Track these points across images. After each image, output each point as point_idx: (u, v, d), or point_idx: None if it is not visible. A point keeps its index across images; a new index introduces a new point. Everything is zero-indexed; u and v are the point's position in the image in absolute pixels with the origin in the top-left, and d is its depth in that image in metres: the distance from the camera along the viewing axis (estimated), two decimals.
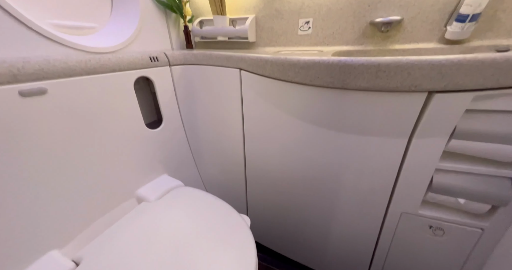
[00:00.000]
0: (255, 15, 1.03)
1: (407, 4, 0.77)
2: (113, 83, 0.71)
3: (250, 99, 0.87)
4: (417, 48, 0.77)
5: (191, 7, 1.12)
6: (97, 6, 0.78)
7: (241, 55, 0.81)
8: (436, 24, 0.75)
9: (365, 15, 0.85)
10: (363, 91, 0.59)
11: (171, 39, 1.02)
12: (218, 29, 1.03)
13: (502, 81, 0.45)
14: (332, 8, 0.89)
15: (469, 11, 0.64)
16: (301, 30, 0.98)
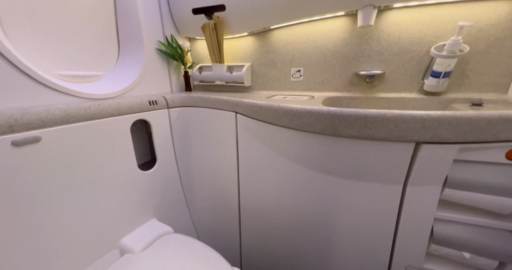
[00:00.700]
0: (251, 63, 1.12)
1: (387, 60, 0.86)
2: (110, 128, 0.73)
3: (246, 142, 0.88)
4: (400, 97, 0.83)
5: (192, 55, 1.23)
6: (104, 56, 0.85)
7: (237, 100, 0.86)
8: (414, 77, 0.83)
9: (350, 67, 0.94)
10: (354, 138, 0.61)
11: (171, 83, 1.08)
12: (216, 74, 1.11)
13: (481, 136, 0.48)
14: (321, 60, 0.98)
15: (441, 69, 0.72)
16: (293, 77, 1.06)
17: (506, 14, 0.66)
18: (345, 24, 0.90)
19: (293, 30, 1.00)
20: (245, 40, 1.10)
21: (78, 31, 0.76)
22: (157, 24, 0.99)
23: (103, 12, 0.84)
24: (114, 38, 0.88)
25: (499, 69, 0.70)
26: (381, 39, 0.85)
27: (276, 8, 0.91)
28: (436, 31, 0.76)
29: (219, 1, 0.96)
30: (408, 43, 0.81)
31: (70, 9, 0.73)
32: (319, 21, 0.94)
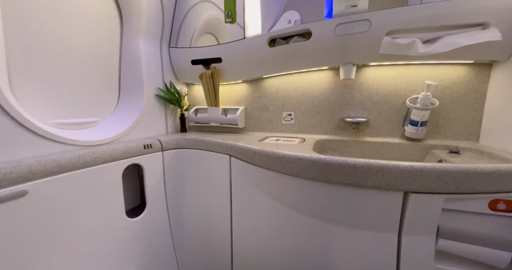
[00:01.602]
0: (245, 106, 1.19)
1: (369, 108, 0.94)
2: (102, 175, 0.72)
3: (239, 185, 0.88)
4: (385, 142, 0.88)
5: (189, 98, 1.30)
6: (104, 103, 0.89)
7: (231, 143, 0.88)
8: (395, 124, 0.90)
9: (337, 113, 1.01)
10: (346, 186, 0.62)
11: (167, 125, 1.12)
12: (211, 117, 1.16)
13: (462, 187, 0.51)
14: (310, 106, 1.06)
15: (418, 119, 0.79)
16: (285, 121, 1.12)
17: (463, 76, 0.77)
18: (330, 76, 1.01)
19: (284, 79, 1.10)
20: (240, 86, 1.19)
21: (81, 81, 0.81)
22: (157, 73, 1.07)
23: (108, 61, 0.91)
24: (115, 85, 0.94)
25: (467, 120, 0.78)
26: (362, 90, 0.95)
27: (267, 62, 1.02)
28: (408, 86, 0.86)
29: (216, 54, 1.08)
30: (386, 95, 0.91)
31: (77, 59, 0.79)
32: (306, 73, 1.05)
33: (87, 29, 0.82)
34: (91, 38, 0.83)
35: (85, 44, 0.81)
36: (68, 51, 0.76)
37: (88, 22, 0.82)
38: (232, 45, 1.04)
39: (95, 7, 0.83)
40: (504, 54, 0.67)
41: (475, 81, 0.76)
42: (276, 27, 0.98)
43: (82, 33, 0.80)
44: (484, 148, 0.69)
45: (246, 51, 1.02)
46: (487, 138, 0.74)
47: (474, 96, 0.77)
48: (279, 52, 0.97)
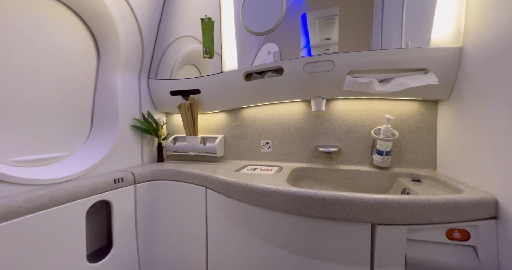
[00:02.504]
0: (223, 135, 1.21)
1: (340, 137, 1.00)
2: (62, 216, 0.66)
3: (215, 218, 0.85)
4: (356, 170, 0.93)
5: (168, 126, 1.30)
6: (73, 136, 0.86)
7: (207, 175, 0.88)
8: (364, 153, 0.96)
9: (311, 141, 1.06)
10: (318, 219, 0.63)
11: (143, 155, 1.10)
12: (189, 146, 1.16)
13: (421, 218, 0.54)
14: (286, 135, 1.11)
15: (383, 149, 0.86)
16: (263, 149, 1.15)
17: (416, 110, 0.87)
18: (303, 107, 1.07)
19: (261, 109, 1.15)
20: (219, 115, 1.22)
21: (49, 114, 0.78)
22: (134, 103, 1.07)
23: (82, 94, 0.90)
24: (87, 118, 0.92)
25: (424, 150, 0.86)
26: (332, 121, 1.02)
27: (244, 94, 1.07)
28: (372, 117, 0.94)
29: (195, 86, 1.12)
30: (353, 125, 0.98)
31: (45, 91, 0.77)
32: (281, 104, 1.11)
33: (60, 62, 0.82)
34: (63, 71, 0.83)
35: (56, 76, 0.81)
36: (36, 83, 0.75)
37: (61, 55, 0.82)
38: (210, 78, 1.10)
39: (71, 40, 0.85)
40: (444, 94, 0.77)
41: (427, 115, 0.86)
42: (257, 57, 1.06)
43: (54, 65, 0.80)
44: (441, 176, 0.76)
45: (224, 84, 1.08)
46: (442, 167, 0.81)
47: (427, 128, 0.86)
48: (255, 85, 1.03)
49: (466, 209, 0.54)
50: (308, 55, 1.00)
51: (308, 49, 1.03)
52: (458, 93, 0.72)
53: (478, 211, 0.54)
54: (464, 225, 0.55)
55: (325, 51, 1.00)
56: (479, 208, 0.54)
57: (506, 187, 0.53)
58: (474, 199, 0.54)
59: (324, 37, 1.07)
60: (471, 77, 0.67)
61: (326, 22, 1.04)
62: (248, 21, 1.03)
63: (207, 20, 1.04)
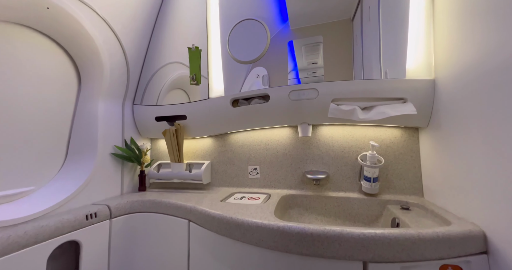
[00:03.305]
0: (210, 161, 1.18)
1: (327, 163, 1.00)
2: (16, 265, 0.57)
3: (197, 254, 0.79)
4: (346, 197, 0.91)
5: (152, 152, 1.26)
6: (43, 168, 0.79)
7: (191, 207, 0.83)
8: (352, 179, 0.95)
9: (300, 167, 1.05)
10: (306, 256, 0.59)
11: (123, 185, 1.03)
12: (174, 173, 1.11)
13: (413, 255, 0.52)
14: (274, 160, 1.09)
15: (370, 175, 0.85)
16: (251, 175, 1.12)
17: (399, 136, 0.89)
18: (290, 132, 1.07)
19: (248, 134, 1.14)
20: (205, 141, 1.20)
21: (14, 145, 0.72)
22: (116, 130, 1.04)
23: (57, 123, 0.85)
24: (62, 147, 0.87)
25: (410, 176, 0.86)
26: (319, 146, 1.02)
27: (231, 120, 1.07)
28: (357, 143, 0.95)
29: (181, 111, 1.11)
30: (340, 151, 0.98)
31: (13, 120, 0.72)
32: (268, 129, 1.11)
33: (34, 90, 0.79)
34: (37, 99, 0.79)
35: (29, 105, 0.77)
36: (4, 112, 0.70)
37: (37, 81, 0.80)
38: (197, 104, 1.09)
39: (48, 67, 0.82)
40: (423, 122, 0.80)
41: (409, 142, 0.88)
42: (247, 81, 1.08)
43: (27, 94, 0.77)
44: (428, 204, 0.75)
45: (211, 110, 1.07)
46: (429, 194, 0.80)
47: (411, 154, 0.87)
48: (242, 111, 1.03)
49: (456, 244, 0.52)
50: (296, 77, 1.07)
51: (296, 72, 1.09)
52: (436, 122, 0.75)
53: (469, 246, 0.52)
54: (456, 261, 0.53)
55: (312, 74, 1.06)
56: (469, 243, 0.52)
57: (491, 219, 0.52)
58: (462, 233, 0.53)
59: (310, 61, 1.12)
60: (446, 107, 0.70)
61: (312, 48, 1.11)
62: (234, 50, 1.06)
63: (194, 49, 1.06)
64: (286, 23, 1.16)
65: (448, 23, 0.69)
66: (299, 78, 1.15)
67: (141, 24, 1.09)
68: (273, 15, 1.17)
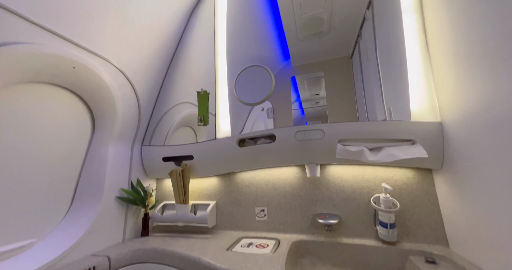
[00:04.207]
0: (216, 201, 1.14)
1: (338, 205, 0.95)
2: None
3: None
4: (362, 245, 0.83)
5: (157, 192, 1.24)
6: (46, 218, 0.78)
7: (195, 258, 0.77)
8: (367, 223, 0.89)
9: (309, 209, 0.99)
10: None
11: (126, 230, 0.99)
12: (179, 216, 1.07)
13: None
14: (282, 201, 1.04)
15: (386, 221, 0.80)
16: (258, 217, 1.06)
17: (412, 178, 0.86)
18: (298, 172, 1.05)
19: (255, 173, 1.12)
20: (211, 180, 1.18)
21: (19, 195, 0.72)
22: (124, 172, 1.04)
23: (67, 169, 0.86)
24: (69, 195, 0.86)
25: (430, 222, 0.80)
26: (329, 187, 0.98)
27: (237, 160, 1.06)
28: (368, 184, 0.92)
29: (188, 152, 1.12)
30: (351, 192, 0.94)
31: (21, 169, 0.73)
32: (275, 168, 1.09)
33: (51, 138, 0.82)
34: (50, 147, 0.81)
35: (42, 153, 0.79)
36: (14, 162, 0.71)
37: (55, 131, 0.83)
38: (204, 144, 1.11)
39: (67, 117, 0.87)
40: (436, 164, 0.77)
41: (424, 184, 0.84)
42: (251, 114, 1.12)
43: (44, 142, 0.79)
44: (457, 258, 0.67)
45: (217, 150, 1.08)
46: (455, 244, 0.73)
47: (428, 197, 0.82)
48: (248, 151, 1.03)
49: None
50: (299, 108, 1.13)
51: (299, 102, 1.14)
52: (450, 165, 0.72)
53: None
54: None
55: (315, 104, 1.12)
56: None
57: None
58: None
59: (313, 93, 1.17)
60: (459, 150, 0.68)
61: (314, 81, 1.17)
62: (241, 93, 1.12)
63: (202, 92, 1.12)
64: (288, 60, 1.24)
65: (446, 69, 0.72)
66: (303, 108, 1.19)
67: (155, 72, 1.18)
68: (276, 54, 1.26)
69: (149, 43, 1.09)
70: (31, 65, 0.69)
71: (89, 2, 0.79)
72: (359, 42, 1.14)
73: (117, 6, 0.88)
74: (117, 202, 0.97)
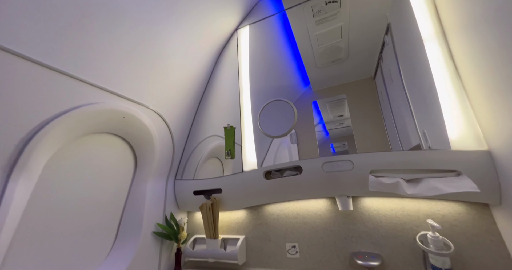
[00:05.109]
0: (245, 235, 1.12)
1: (378, 242, 0.86)
2: None
3: None
4: None
5: (188, 225, 1.27)
6: (94, 254, 0.85)
7: None
8: (416, 266, 0.78)
9: (345, 246, 0.91)
10: None
11: (161, 264, 1.02)
12: (209, 251, 1.07)
13: None
14: (314, 236, 0.98)
15: (439, 265, 0.69)
16: (290, 254, 1.01)
17: (465, 213, 0.75)
18: (328, 204, 1.00)
19: (283, 206, 1.09)
20: (240, 213, 1.18)
21: (74, 235, 0.81)
22: (159, 206, 1.11)
23: (112, 208, 0.96)
24: (113, 232, 0.94)
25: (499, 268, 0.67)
26: (364, 221, 0.91)
27: (264, 193, 1.06)
28: (411, 220, 0.82)
29: (217, 185, 1.15)
30: (391, 228, 0.85)
31: (76, 212, 0.83)
32: (304, 201, 1.05)
33: (102, 179, 0.93)
34: (101, 187, 0.92)
35: (93, 193, 0.89)
36: (69, 206, 0.82)
37: (106, 172, 0.95)
38: (231, 177, 1.14)
39: (115, 159, 0.99)
40: (493, 200, 0.67)
41: (481, 221, 0.72)
42: (274, 141, 1.14)
43: (96, 183, 0.91)
44: None
45: (244, 183, 1.09)
46: None
47: (489, 238, 0.70)
48: (275, 184, 1.03)
49: None
50: (323, 129, 1.13)
51: (323, 124, 1.14)
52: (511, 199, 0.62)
53: None
54: None
55: (340, 125, 1.11)
56: None
57: None
58: None
59: (336, 114, 1.15)
60: None
61: (336, 103, 1.16)
62: (265, 126, 1.15)
63: (229, 127, 1.19)
64: (308, 86, 1.26)
65: (484, 94, 0.66)
66: (327, 129, 1.16)
67: (186, 110, 1.30)
68: (295, 81, 1.30)
69: (181, 86, 1.22)
70: (95, 120, 0.85)
71: (134, 63, 0.94)
72: (380, 64, 1.12)
73: (157, 62, 1.03)
74: (153, 237, 1.02)
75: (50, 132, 0.70)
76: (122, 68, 0.90)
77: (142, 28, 0.93)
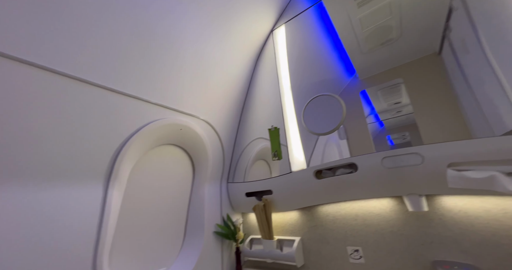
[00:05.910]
0: (300, 237, 1.09)
1: (469, 251, 0.69)
2: None
3: None
4: None
5: (244, 226, 1.31)
6: (170, 250, 0.99)
7: None
8: None
9: (422, 254, 0.78)
10: None
11: (223, 263, 1.09)
12: (266, 252, 1.08)
13: None
14: (380, 241, 0.87)
15: None
16: (352, 258, 0.92)
17: None
18: (393, 205, 0.87)
19: (339, 206, 1.01)
20: (292, 214, 1.15)
21: (155, 234, 0.96)
22: (217, 208, 1.19)
23: (179, 210, 1.09)
24: (181, 231, 1.07)
25: None
26: (447, 224, 0.75)
27: (316, 193, 1.00)
28: None
29: (267, 187, 1.15)
30: (490, 234, 0.68)
31: (154, 214, 0.97)
32: (362, 201, 0.95)
33: (167, 185, 1.06)
34: (167, 192, 1.05)
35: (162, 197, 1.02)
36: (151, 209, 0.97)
37: (170, 180, 1.08)
38: (280, 178, 1.12)
39: (177, 167, 1.12)
40: None
41: None
42: (321, 137, 1.06)
43: (164, 186, 1.04)
44: None
45: (294, 183, 1.06)
46: None
47: None
48: (327, 183, 0.96)
49: None
50: (377, 120, 1.00)
51: (375, 115, 1.01)
52: None
53: None
54: None
55: (397, 114, 0.96)
56: None
57: None
58: None
59: (392, 102, 1.00)
60: None
61: (390, 90, 1.01)
62: (310, 124, 1.10)
63: (273, 129, 1.18)
64: (354, 75, 1.14)
65: None
66: (381, 120, 1.01)
67: (231, 116, 1.36)
68: (338, 73, 1.19)
69: (224, 94, 1.29)
70: (161, 134, 0.98)
71: (185, 80, 1.04)
72: (448, 36, 0.92)
73: (204, 75, 1.13)
74: (214, 237, 1.10)
75: (130, 147, 0.84)
76: (178, 85, 1.01)
77: (191, 50, 1.02)
